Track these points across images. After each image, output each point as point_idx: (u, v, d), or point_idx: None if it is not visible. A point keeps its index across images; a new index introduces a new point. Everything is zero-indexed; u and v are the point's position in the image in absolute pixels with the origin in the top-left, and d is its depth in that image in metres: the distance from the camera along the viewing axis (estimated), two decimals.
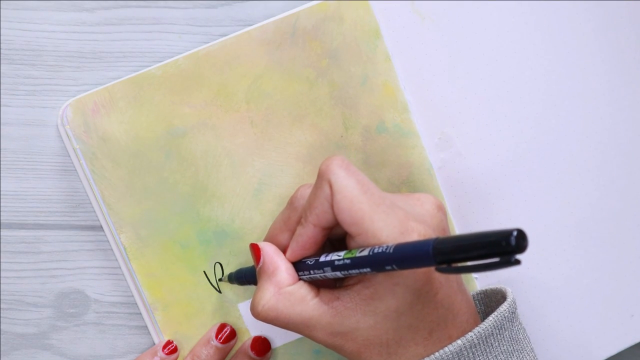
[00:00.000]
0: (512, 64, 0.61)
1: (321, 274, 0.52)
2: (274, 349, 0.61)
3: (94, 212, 0.60)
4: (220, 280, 0.60)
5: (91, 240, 0.61)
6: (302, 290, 0.52)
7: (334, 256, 0.51)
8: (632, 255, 0.63)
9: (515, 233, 0.40)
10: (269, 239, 0.56)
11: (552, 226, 0.62)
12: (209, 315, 0.60)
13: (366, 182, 0.51)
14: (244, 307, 0.61)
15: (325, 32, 0.59)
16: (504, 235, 0.41)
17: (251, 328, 0.61)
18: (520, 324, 0.54)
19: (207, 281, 0.60)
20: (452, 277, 0.52)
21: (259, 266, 0.54)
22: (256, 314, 0.53)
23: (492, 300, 0.57)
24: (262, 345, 0.60)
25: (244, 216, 0.60)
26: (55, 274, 0.61)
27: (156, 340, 0.61)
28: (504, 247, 0.41)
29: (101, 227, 0.61)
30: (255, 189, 0.60)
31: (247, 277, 0.58)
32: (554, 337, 0.63)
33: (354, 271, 0.49)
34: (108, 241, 0.61)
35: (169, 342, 0.60)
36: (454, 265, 0.44)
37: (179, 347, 0.60)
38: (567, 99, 0.62)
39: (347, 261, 0.49)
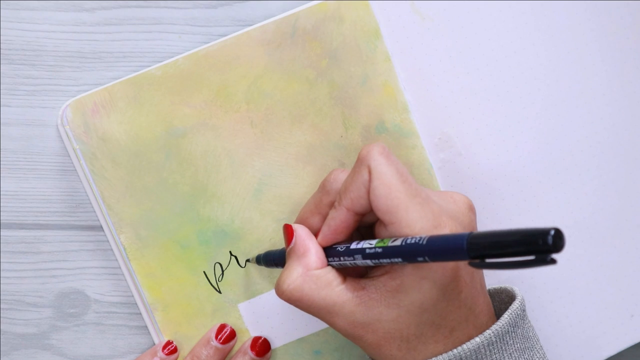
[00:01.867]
0: (512, 64, 0.61)
1: (351, 261, 0.51)
2: (274, 349, 0.61)
3: (94, 212, 0.60)
4: (247, 261, 0.60)
5: (91, 240, 0.61)
6: (330, 276, 0.52)
7: (365, 244, 0.50)
8: (632, 255, 0.63)
9: (552, 232, 0.40)
10: (300, 221, 0.56)
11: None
12: (208, 316, 0.60)
13: (405, 172, 0.51)
14: (243, 308, 0.61)
15: (325, 32, 0.59)
16: (541, 233, 0.40)
17: (251, 328, 0.61)
18: (529, 321, 0.54)
19: (207, 281, 0.60)
20: (477, 277, 0.52)
21: (290, 247, 0.54)
22: (280, 292, 0.52)
23: (495, 299, 0.57)
24: (262, 346, 0.60)
25: (244, 216, 0.60)
26: (55, 274, 0.61)
27: (156, 341, 0.61)
28: (541, 246, 0.40)
29: (101, 227, 0.61)
30: (255, 189, 0.60)
31: (275, 259, 0.57)
32: (554, 338, 0.63)
33: (384, 260, 0.49)
34: (108, 241, 0.61)
35: (168, 343, 0.60)
36: (487, 260, 0.43)
37: (178, 348, 0.60)
38: (567, 99, 0.62)
39: (379, 250, 0.49)
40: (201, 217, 0.60)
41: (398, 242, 0.48)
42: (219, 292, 0.60)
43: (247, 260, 0.60)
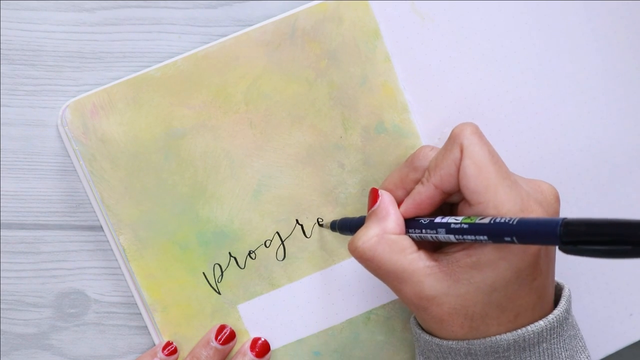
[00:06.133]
0: (512, 64, 0.61)
1: (433, 235, 0.51)
2: (273, 350, 0.61)
3: (94, 212, 0.60)
4: (320, 226, 0.60)
5: (91, 241, 0.61)
6: (405, 242, 0.52)
7: (450, 219, 0.50)
8: None
9: None
10: None
11: None
12: (208, 317, 0.60)
13: (496, 154, 0.51)
14: (243, 309, 0.61)
15: (324, 33, 0.59)
16: None
17: (250, 329, 0.61)
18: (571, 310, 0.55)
19: (207, 282, 0.60)
20: (551, 267, 0.52)
21: (372, 209, 0.54)
22: (353, 248, 0.52)
23: None
24: (261, 347, 0.60)
25: (243, 217, 0.60)
26: (55, 274, 0.61)
27: (156, 341, 0.61)
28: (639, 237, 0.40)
29: (101, 227, 0.61)
30: (254, 190, 0.60)
31: (351, 227, 0.57)
32: None
33: (469, 237, 0.49)
34: (108, 241, 0.61)
35: (168, 343, 0.60)
36: (580, 247, 0.43)
37: (178, 348, 0.60)
38: (567, 99, 0.62)
39: (465, 226, 0.49)
40: (200, 218, 0.60)
41: (486, 221, 0.48)
42: (219, 293, 0.60)
43: (320, 225, 0.60)
